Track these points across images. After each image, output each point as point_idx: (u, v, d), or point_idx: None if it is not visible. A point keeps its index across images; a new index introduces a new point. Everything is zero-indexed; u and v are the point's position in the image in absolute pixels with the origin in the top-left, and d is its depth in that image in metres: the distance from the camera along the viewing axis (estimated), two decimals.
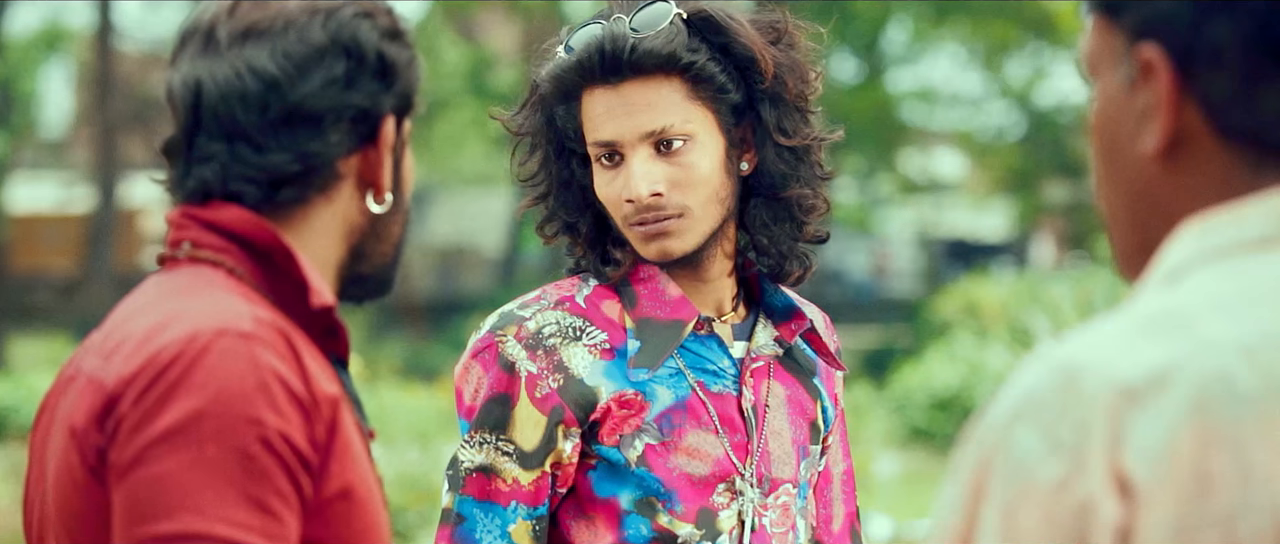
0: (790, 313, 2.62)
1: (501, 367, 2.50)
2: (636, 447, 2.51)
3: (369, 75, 1.91)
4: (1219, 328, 1.31)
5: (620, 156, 2.51)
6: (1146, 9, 1.40)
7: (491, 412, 2.50)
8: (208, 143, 1.89)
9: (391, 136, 1.93)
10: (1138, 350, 1.31)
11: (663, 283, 2.55)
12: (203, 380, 1.75)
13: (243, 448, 1.73)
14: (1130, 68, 1.41)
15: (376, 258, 1.97)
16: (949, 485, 1.35)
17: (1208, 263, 1.37)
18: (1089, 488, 1.28)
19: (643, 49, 2.48)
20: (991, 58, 28.64)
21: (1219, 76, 1.38)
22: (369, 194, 1.94)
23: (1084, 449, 1.28)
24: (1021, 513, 1.29)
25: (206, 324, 1.78)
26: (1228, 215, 1.38)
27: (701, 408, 2.54)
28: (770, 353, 2.61)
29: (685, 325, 2.54)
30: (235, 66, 1.88)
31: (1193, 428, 1.28)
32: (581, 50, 2.51)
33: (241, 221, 1.88)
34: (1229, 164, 1.39)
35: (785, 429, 2.60)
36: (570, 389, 2.50)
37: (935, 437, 15.03)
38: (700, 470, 2.52)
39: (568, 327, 2.52)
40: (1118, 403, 1.29)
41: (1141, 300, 1.37)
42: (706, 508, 2.52)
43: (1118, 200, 1.45)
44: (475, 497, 2.50)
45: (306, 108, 1.88)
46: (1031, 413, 1.31)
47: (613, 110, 2.50)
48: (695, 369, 2.55)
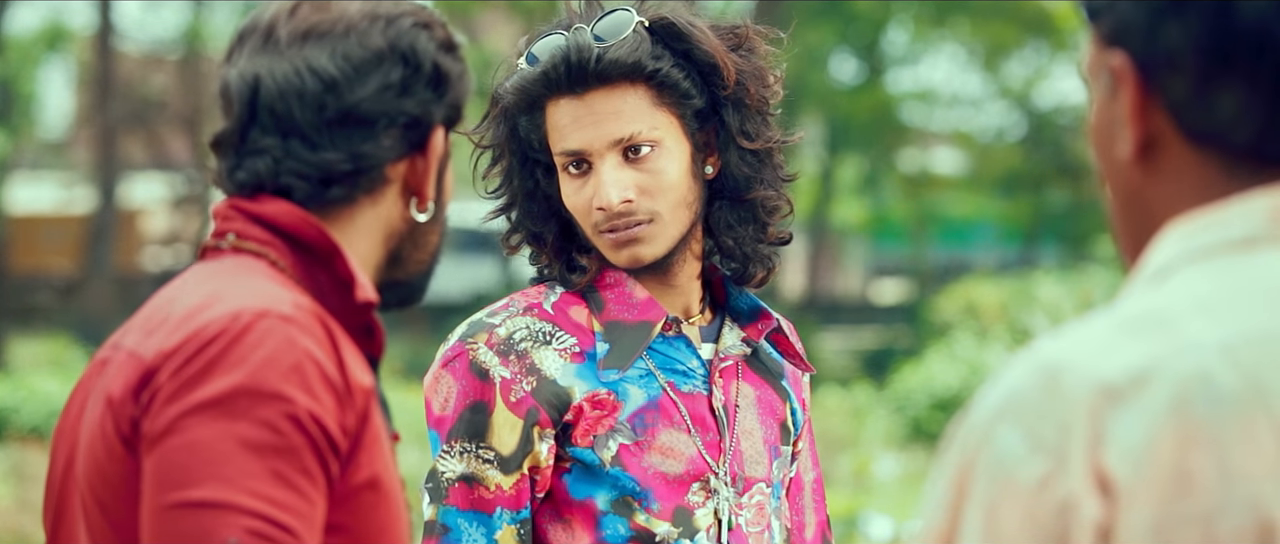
0: (756, 314, 2.64)
1: (475, 374, 2.50)
2: (610, 447, 2.52)
3: (423, 84, 1.95)
4: (1200, 328, 1.32)
5: (588, 165, 2.52)
6: (1112, 17, 1.42)
7: (468, 420, 2.50)
8: (262, 137, 1.93)
9: (441, 146, 1.98)
10: (1119, 350, 1.32)
11: (630, 287, 2.57)
12: (241, 356, 1.79)
13: (273, 424, 1.77)
14: (1108, 75, 1.43)
15: (413, 265, 2.01)
16: (934, 485, 1.36)
17: (1192, 263, 1.38)
18: (1070, 487, 1.28)
19: (608, 58, 2.50)
20: (991, 58, 28.65)
21: (1177, 81, 1.39)
22: (413, 201, 1.97)
23: (1065, 448, 1.29)
24: (1003, 512, 1.30)
25: (249, 305, 1.82)
26: (1211, 216, 1.39)
27: (673, 407, 2.55)
28: (738, 353, 2.63)
29: (653, 326, 2.55)
30: (295, 65, 1.92)
31: (1173, 427, 1.29)
32: (546, 61, 2.52)
33: (288, 215, 1.92)
34: (1201, 168, 1.40)
35: (756, 428, 2.62)
36: (543, 390, 2.51)
37: (935, 437, 15.03)
38: (674, 469, 2.53)
39: (537, 331, 2.53)
40: (1098, 402, 1.30)
41: (1127, 300, 1.38)
42: (682, 507, 2.53)
43: (1114, 203, 1.47)
44: (459, 507, 2.51)
45: (361, 110, 1.92)
46: (1013, 412, 1.32)
47: (579, 120, 2.52)
48: (665, 370, 2.57)
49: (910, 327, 24.26)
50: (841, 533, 10.32)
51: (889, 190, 30.54)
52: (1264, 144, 1.39)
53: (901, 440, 15.20)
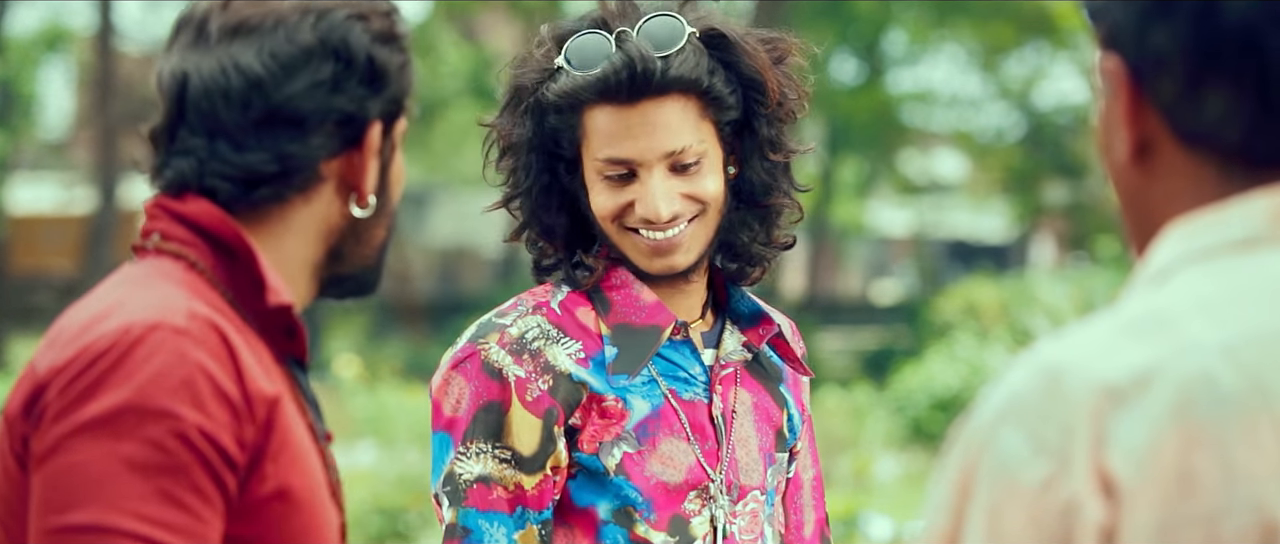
0: (757, 318, 2.63)
1: (488, 374, 2.49)
2: (615, 455, 2.51)
3: (357, 80, 1.88)
4: (1201, 328, 1.32)
5: (633, 174, 2.51)
6: (1105, 21, 1.43)
7: (483, 421, 2.49)
8: (189, 136, 1.87)
9: (376, 142, 1.91)
10: (1121, 351, 1.32)
11: (637, 289, 2.56)
12: (129, 373, 1.74)
13: (160, 443, 1.72)
14: (1106, 77, 1.44)
15: (356, 260, 1.95)
16: (936, 486, 1.36)
17: (1192, 264, 1.38)
18: (1073, 488, 1.28)
19: (672, 74, 2.49)
20: (991, 58, 28.65)
21: (1166, 84, 1.40)
22: (352, 197, 1.92)
23: (1068, 450, 1.29)
24: (1006, 514, 1.30)
25: (141, 317, 1.77)
26: (1211, 217, 1.39)
27: (674, 415, 2.55)
28: (739, 359, 2.62)
29: (662, 331, 2.54)
30: (222, 62, 1.87)
31: (1176, 428, 1.29)
32: (606, 69, 2.48)
33: (207, 216, 1.87)
34: (1195, 169, 1.41)
35: (752, 437, 2.61)
36: (560, 388, 2.50)
37: (936, 437, 15.03)
38: (674, 478, 2.53)
39: (548, 331, 2.52)
40: (1101, 403, 1.30)
41: (1128, 301, 1.38)
42: (679, 516, 2.53)
43: (1120, 203, 1.48)
44: (479, 508, 2.49)
45: (289, 109, 1.86)
46: (1016, 414, 1.31)
47: (631, 129, 2.49)
48: (667, 376, 2.56)
49: (910, 327, 24.26)
50: (842, 533, 10.31)
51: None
52: (1254, 145, 1.39)
53: (902, 441, 15.20)
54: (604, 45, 2.50)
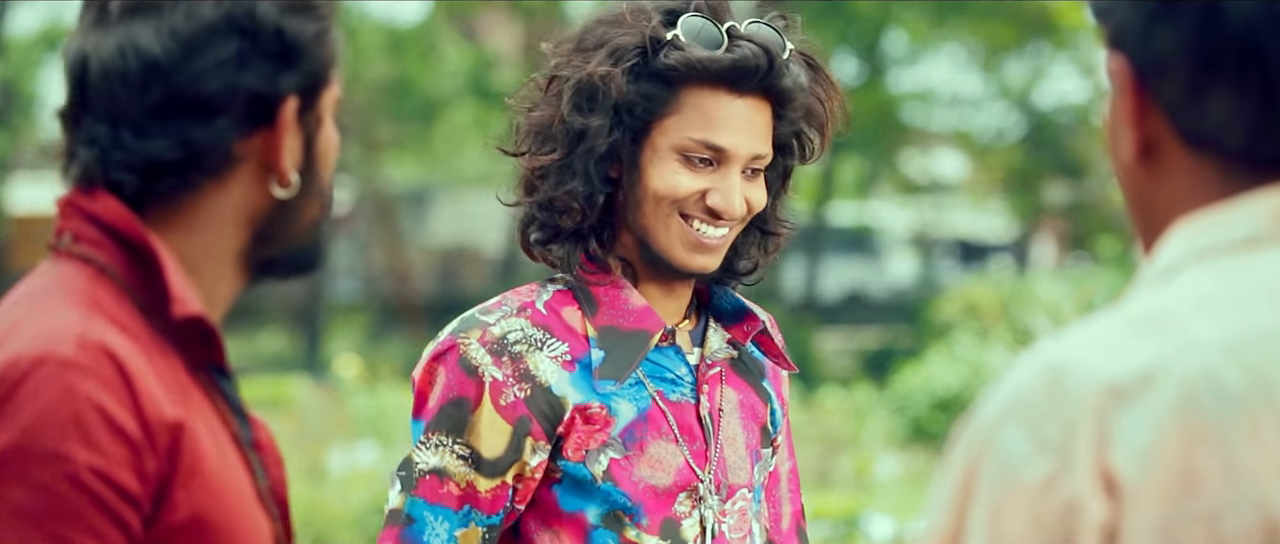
0: (742, 314, 2.63)
1: (463, 370, 2.48)
2: (602, 461, 2.50)
3: (265, 55, 1.75)
4: (1204, 327, 1.33)
5: (716, 163, 2.50)
6: (1112, 23, 1.43)
7: (450, 414, 2.48)
8: (93, 124, 1.75)
9: (291, 119, 1.77)
10: (1124, 350, 1.32)
11: (626, 292, 2.55)
12: (12, 415, 1.63)
13: (49, 487, 1.62)
14: (1114, 79, 1.44)
15: (286, 241, 1.82)
16: (939, 486, 1.36)
17: (1196, 263, 1.38)
18: (1075, 487, 1.28)
19: (796, 82, 2.52)
20: (991, 58, 28.65)
21: (1170, 85, 1.40)
22: (272, 178, 1.78)
23: (1070, 448, 1.29)
24: (1008, 512, 1.30)
25: (28, 350, 1.66)
26: (1216, 216, 1.39)
27: (662, 418, 2.54)
28: (725, 356, 2.62)
29: (651, 336, 2.53)
30: (120, 43, 1.73)
31: (1179, 427, 1.29)
32: (740, 55, 2.48)
33: (116, 216, 1.75)
34: (1199, 170, 1.41)
35: (739, 434, 2.61)
36: (537, 400, 2.48)
37: (936, 437, 15.03)
38: (663, 481, 2.52)
39: (531, 336, 2.51)
40: (1104, 402, 1.30)
41: (1132, 300, 1.38)
42: (670, 518, 2.53)
43: (1127, 201, 1.48)
44: (427, 499, 2.49)
45: (192, 92, 1.73)
46: (1018, 413, 1.32)
47: (733, 120, 2.49)
48: (654, 378, 2.56)
49: (911, 327, 24.26)
50: (842, 533, 10.31)
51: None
52: (1258, 147, 1.39)
53: (902, 440, 15.20)
54: (715, 33, 2.50)
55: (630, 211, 2.52)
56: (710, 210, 2.49)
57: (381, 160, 27.46)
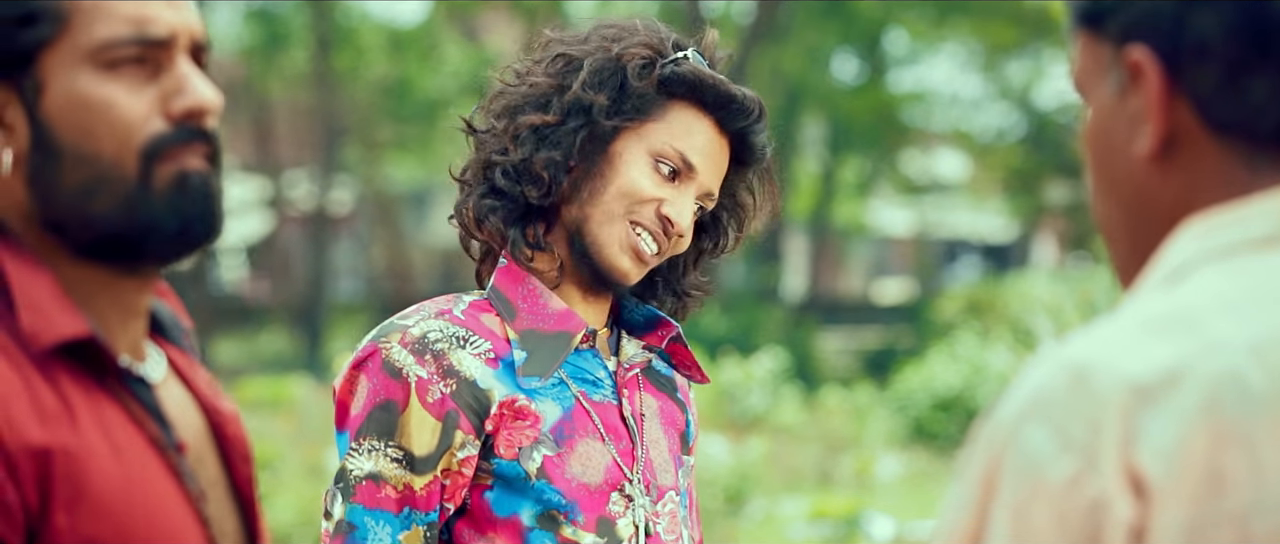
0: (654, 323, 2.68)
1: (387, 372, 2.48)
2: (535, 459, 2.51)
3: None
4: (1227, 327, 1.32)
5: (680, 179, 2.57)
6: (1131, 11, 1.41)
7: (378, 418, 2.48)
8: None
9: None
10: (1147, 349, 1.31)
11: (545, 297, 2.57)
12: None
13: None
14: (1119, 74, 1.42)
15: (78, 219, 1.67)
16: (957, 484, 1.35)
17: (1210, 262, 1.37)
18: (1101, 486, 1.28)
19: (761, 147, 2.63)
20: (991, 58, 28.66)
21: (1207, 70, 1.39)
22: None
23: (1096, 447, 1.28)
24: (1033, 511, 1.29)
25: None
26: (1229, 215, 1.38)
27: (587, 417, 2.56)
28: (641, 361, 2.65)
29: (572, 337, 2.56)
30: None
31: (1205, 427, 1.28)
32: (746, 96, 2.59)
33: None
34: (1224, 161, 1.40)
35: (661, 438, 2.64)
36: (463, 393, 2.49)
37: (937, 437, 15.03)
38: (594, 479, 2.53)
39: (451, 335, 2.52)
40: (1129, 401, 1.29)
41: (1143, 301, 1.37)
42: (604, 517, 2.54)
43: (1115, 210, 1.45)
44: (366, 506, 2.48)
45: None
46: (1041, 411, 1.31)
47: (710, 147, 2.59)
48: (576, 379, 2.58)
49: (912, 326, 24.26)
50: (843, 533, 10.32)
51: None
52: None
53: (903, 440, 15.20)
54: (709, 73, 2.59)
55: (575, 203, 2.56)
56: (662, 219, 2.55)
57: (382, 160, 27.46)
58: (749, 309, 22.54)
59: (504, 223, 2.57)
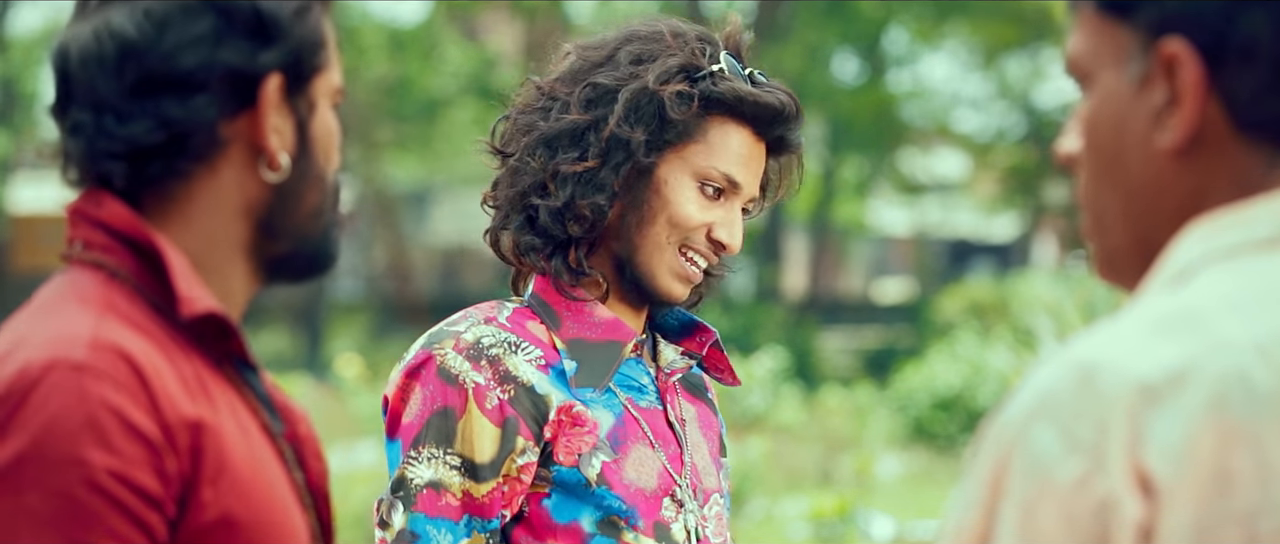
0: (692, 328, 2.66)
1: (443, 379, 2.46)
2: (595, 465, 2.50)
3: (241, 32, 1.73)
4: (1234, 327, 1.32)
5: (724, 197, 2.55)
6: (1171, 4, 1.39)
7: (436, 426, 2.46)
8: (77, 113, 1.74)
9: (274, 98, 1.74)
10: (1154, 349, 1.31)
11: (591, 306, 2.55)
12: (25, 421, 1.61)
13: (67, 492, 1.60)
14: (1143, 64, 1.40)
15: (294, 232, 1.79)
16: (965, 484, 1.35)
17: (1216, 263, 1.37)
18: (1109, 486, 1.28)
19: (798, 142, 2.61)
20: (991, 58, 28.65)
21: (1251, 70, 1.37)
22: (262, 161, 1.75)
23: (1103, 447, 1.28)
24: (1041, 511, 1.29)
25: (38, 356, 1.64)
26: (1235, 216, 1.38)
27: (636, 424, 2.55)
28: (681, 367, 2.63)
29: (623, 346, 2.54)
30: (96, 28, 1.72)
31: (1213, 426, 1.28)
32: (784, 101, 2.56)
33: (120, 219, 1.73)
34: (1245, 160, 1.39)
35: (702, 442, 2.64)
36: (522, 399, 2.47)
37: (937, 437, 15.03)
38: (649, 485, 2.53)
39: (504, 340, 2.50)
40: (1137, 401, 1.29)
41: (1150, 301, 1.37)
42: (660, 522, 2.53)
43: (1116, 199, 1.44)
44: (428, 513, 2.46)
45: (166, 69, 1.71)
46: (1049, 411, 1.31)
47: (751, 160, 2.56)
48: (623, 387, 2.56)
49: (912, 326, 24.26)
50: (843, 532, 10.32)
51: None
52: None
53: (903, 440, 15.21)
54: (746, 74, 2.57)
55: (622, 233, 2.53)
56: (715, 243, 2.53)
57: (383, 160, 27.46)
58: (749, 309, 22.55)
59: (546, 258, 2.55)
